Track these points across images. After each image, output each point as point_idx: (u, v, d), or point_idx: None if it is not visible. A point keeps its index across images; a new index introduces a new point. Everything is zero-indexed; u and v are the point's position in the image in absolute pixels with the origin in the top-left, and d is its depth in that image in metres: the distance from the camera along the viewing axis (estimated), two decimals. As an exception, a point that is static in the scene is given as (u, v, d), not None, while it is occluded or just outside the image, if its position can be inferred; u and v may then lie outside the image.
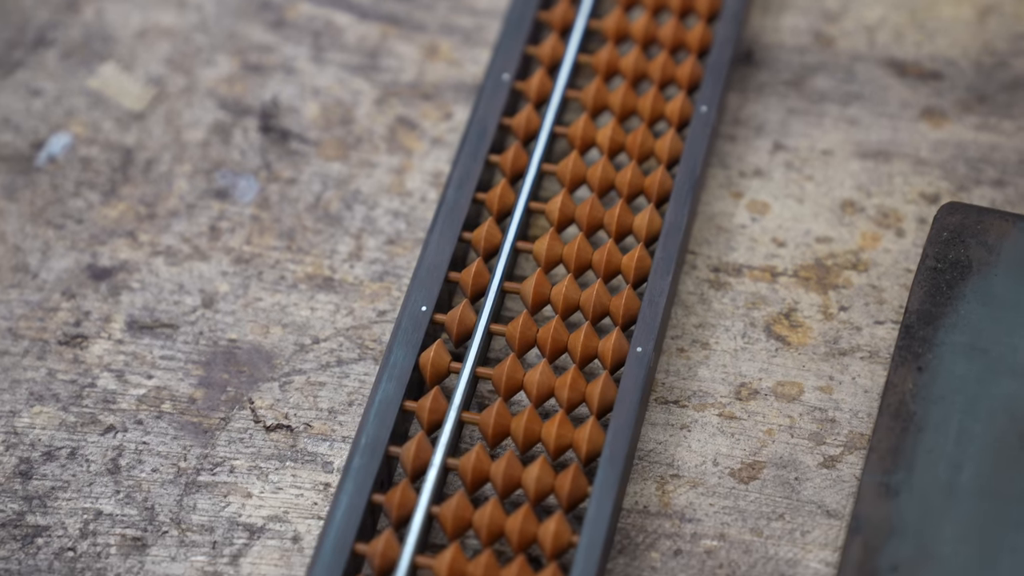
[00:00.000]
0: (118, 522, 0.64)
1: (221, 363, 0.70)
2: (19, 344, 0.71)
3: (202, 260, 0.74)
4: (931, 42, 0.81)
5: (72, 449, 0.67)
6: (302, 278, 0.74)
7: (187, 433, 0.68)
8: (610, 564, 0.62)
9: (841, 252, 0.73)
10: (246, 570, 0.63)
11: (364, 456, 0.62)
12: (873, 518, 0.57)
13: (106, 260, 0.74)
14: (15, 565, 0.63)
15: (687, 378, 0.69)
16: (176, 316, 0.72)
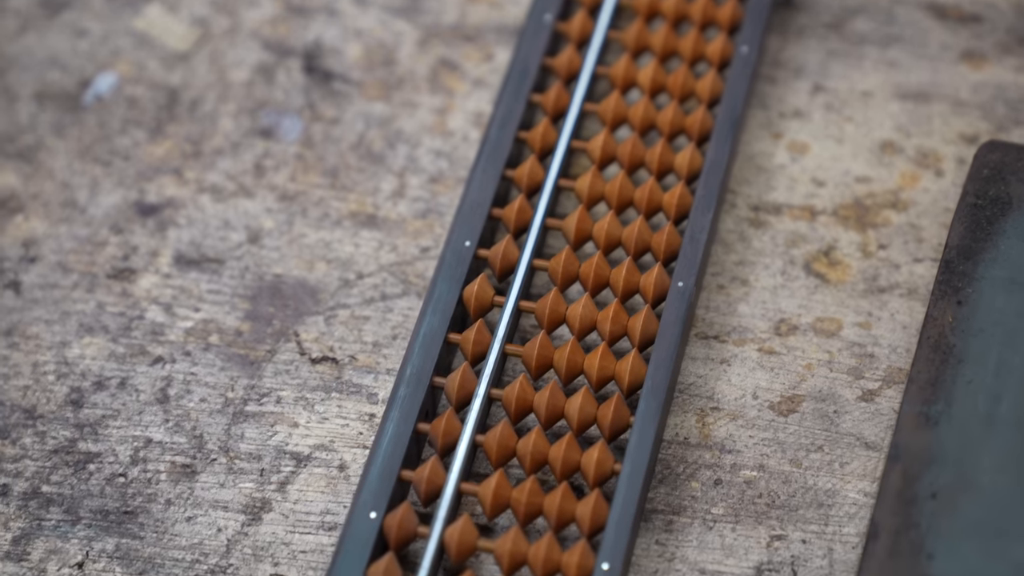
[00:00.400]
0: (167, 450, 0.66)
1: (267, 297, 0.71)
2: (69, 277, 0.72)
3: (247, 197, 0.75)
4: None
5: (122, 379, 0.68)
6: (346, 215, 0.74)
7: (234, 364, 0.69)
8: (651, 493, 0.63)
9: (880, 192, 0.73)
10: (293, 496, 0.64)
11: (409, 386, 0.63)
12: (912, 447, 0.57)
13: (153, 197, 0.75)
14: (68, 490, 0.64)
15: (727, 314, 0.69)
16: (222, 251, 0.73)
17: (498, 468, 0.61)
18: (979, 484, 0.56)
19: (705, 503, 0.63)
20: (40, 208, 0.75)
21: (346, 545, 0.58)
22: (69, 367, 0.69)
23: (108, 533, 0.63)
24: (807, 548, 0.61)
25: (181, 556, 0.62)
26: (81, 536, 0.63)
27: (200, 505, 0.64)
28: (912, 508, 0.56)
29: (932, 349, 0.61)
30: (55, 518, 0.63)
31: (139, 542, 0.62)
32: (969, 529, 0.55)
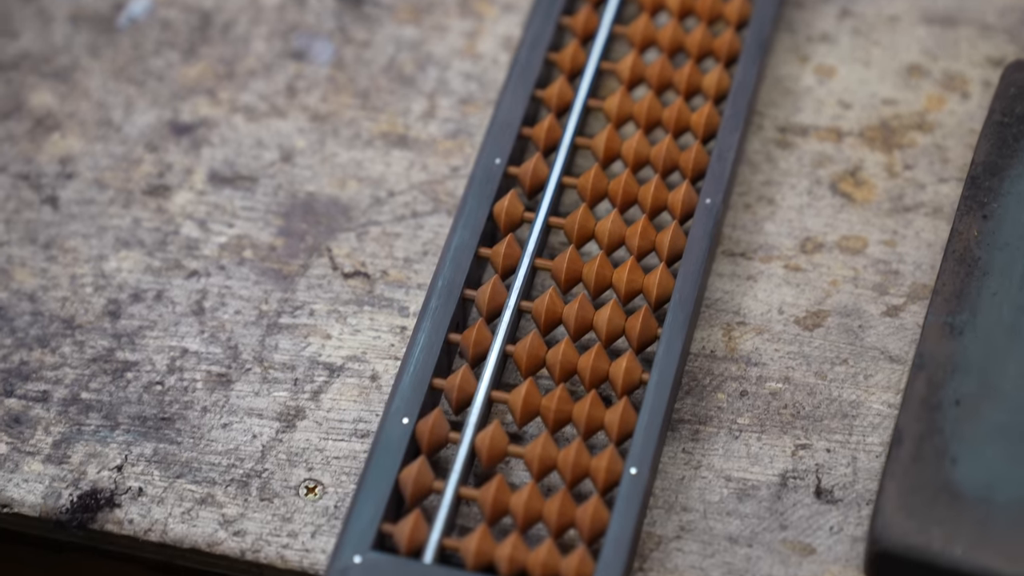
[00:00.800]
0: (203, 359, 0.67)
1: (300, 214, 0.72)
2: (105, 193, 0.73)
3: (280, 117, 0.76)
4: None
5: (158, 292, 0.69)
6: (377, 135, 0.75)
7: (268, 278, 0.70)
8: (678, 404, 0.64)
9: (907, 114, 0.73)
10: (327, 405, 0.65)
11: (440, 298, 0.64)
12: (937, 355, 0.58)
13: (187, 116, 0.76)
14: (106, 397, 0.65)
15: (753, 232, 0.70)
16: (255, 170, 0.74)
17: (528, 377, 0.62)
18: (1003, 391, 0.57)
19: (731, 413, 0.63)
20: (76, 127, 0.76)
21: (379, 449, 0.59)
22: (106, 280, 0.70)
23: (146, 438, 0.64)
24: (831, 457, 0.62)
25: (217, 461, 0.63)
26: (120, 441, 0.64)
27: (235, 412, 0.65)
28: (936, 414, 0.56)
29: (957, 262, 0.61)
30: (94, 423, 0.64)
31: (176, 447, 0.64)
32: (992, 434, 0.56)
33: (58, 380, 0.66)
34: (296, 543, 0.60)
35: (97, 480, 0.62)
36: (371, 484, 0.58)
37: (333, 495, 0.62)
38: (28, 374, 0.66)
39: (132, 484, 0.62)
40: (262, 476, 0.62)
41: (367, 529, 0.56)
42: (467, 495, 0.59)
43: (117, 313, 0.68)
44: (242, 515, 0.61)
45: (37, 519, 0.62)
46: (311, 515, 0.61)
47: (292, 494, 0.62)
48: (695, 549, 0.59)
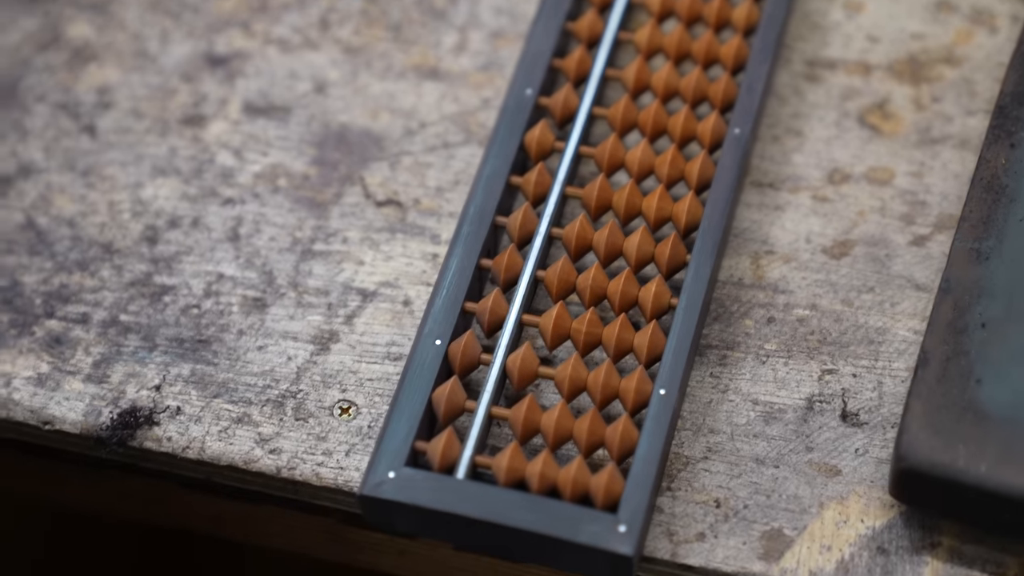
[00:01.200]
0: (239, 284, 0.68)
1: (333, 143, 0.73)
2: (142, 122, 0.74)
3: (313, 50, 0.76)
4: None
5: (194, 218, 0.70)
6: (409, 68, 0.75)
7: (302, 206, 0.70)
8: (706, 330, 0.64)
9: (935, 48, 0.73)
10: (360, 328, 0.66)
11: (472, 224, 0.65)
12: (963, 280, 0.58)
13: (221, 48, 0.76)
14: (144, 319, 0.66)
15: (781, 163, 0.70)
16: (289, 100, 0.74)
17: (558, 301, 0.63)
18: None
19: (758, 339, 0.64)
20: (113, 57, 0.76)
21: (412, 370, 0.60)
22: (143, 206, 0.71)
23: (183, 359, 0.65)
24: (857, 381, 0.62)
25: (253, 382, 0.64)
26: (158, 361, 0.65)
27: (271, 335, 0.66)
28: (962, 337, 0.57)
29: (984, 189, 0.62)
30: (133, 345, 0.65)
31: (213, 368, 0.65)
32: (1018, 356, 0.56)
33: (97, 303, 0.67)
34: (331, 461, 0.61)
35: (136, 399, 0.64)
36: (404, 403, 0.59)
37: (367, 415, 0.63)
38: (68, 297, 0.67)
39: (170, 403, 0.63)
40: (297, 397, 0.63)
41: (401, 446, 0.57)
42: (499, 415, 0.60)
43: (154, 239, 0.69)
44: (278, 434, 0.62)
45: (78, 436, 0.63)
46: (345, 434, 0.62)
47: (326, 414, 0.63)
48: (722, 470, 0.60)
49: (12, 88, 0.75)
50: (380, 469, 0.57)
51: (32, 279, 0.68)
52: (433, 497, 0.56)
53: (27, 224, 0.70)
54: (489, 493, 0.56)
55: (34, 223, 0.70)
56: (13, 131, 0.74)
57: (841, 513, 0.58)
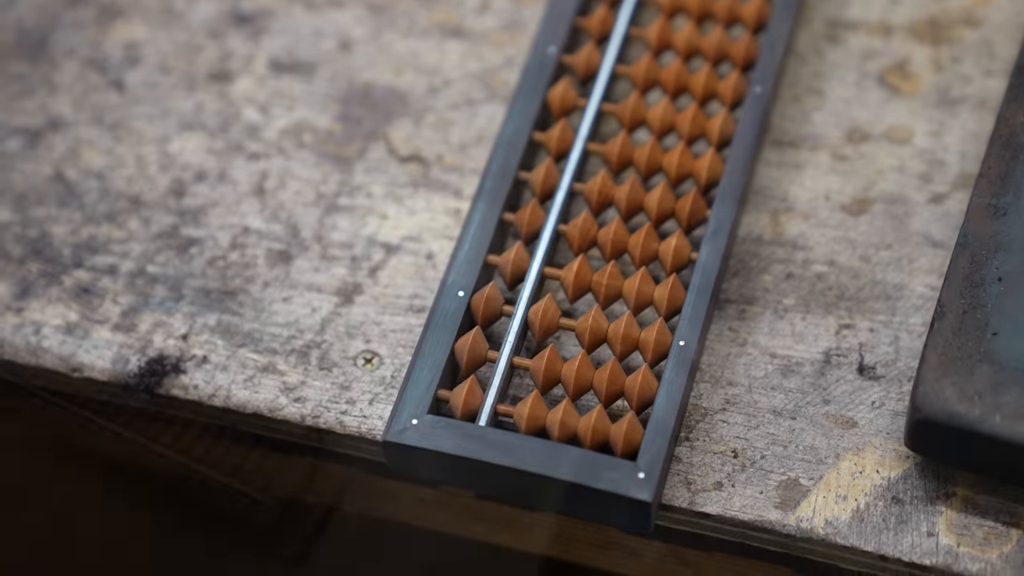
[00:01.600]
0: (264, 237, 0.68)
1: (358, 100, 0.73)
2: (169, 78, 0.74)
3: (338, 8, 0.77)
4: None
5: (220, 172, 0.71)
6: (432, 26, 0.76)
7: (326, 161, 0.71)
8: (724, 285, 0.65)
9: (954, 9, 0.73)
10: (383, 281, 0.66)
11: (495, 179, 0.65)
12: (981, 235, 0.59)
13: (247, 6, 0.77)
14: (171, 271, 0.67)
15: (801, 122, 0.71)
16: (314, 57, 0.75)
17: (579, 255, 0.63)
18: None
19: (777, 294, 0.65)
20: (141, 14, 0.77)
21: (435, 320, 0.61)
22: (170, 160, 0.71)
23: (210, 309, 0.66)
24: (874, 336, 0.63)
25: (278, 332, 0.65)
26: (185, 312, 0.66)
27: (296, 287, 0.66)
28: (978, 291, 0.57)
29: (1003, 147, 0.62)
30: (160, 295, 0.66)
31: (239, 318, 0.65)
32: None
33: (125, 254, 0.68)
34: (354, 410, 0.62)
35: (163, 348, 0.64)
36: (427, 353, 0.59)
37: (390, 366, 0.64)
38: (96, 248, 0.68)
39: (196, 352, 0.64)
40: (321, 347, 0.64)
41: (424, 395, 0.58)
42: (520, 364, 0.61)
43: (181, 192, 0.70)
44: (303, 383, 0.63)
45: (106, 383, 0.64)
46: (368, 384, 0.63)
47: (350, 364, 0.64)
48: (739, 421, 0.61)
49: (42, 43, 0.76)
50: (403, 416, 0.57)
51: (61, 230, 0.69)
52: (455, 444, 0.56)
53: (56, 176, 0.71)
54: (510, 440, 0.57)
55: (63, 176, 0.71)
56: (42, 86, 0.75)
57: (857, 464, 0.59)
